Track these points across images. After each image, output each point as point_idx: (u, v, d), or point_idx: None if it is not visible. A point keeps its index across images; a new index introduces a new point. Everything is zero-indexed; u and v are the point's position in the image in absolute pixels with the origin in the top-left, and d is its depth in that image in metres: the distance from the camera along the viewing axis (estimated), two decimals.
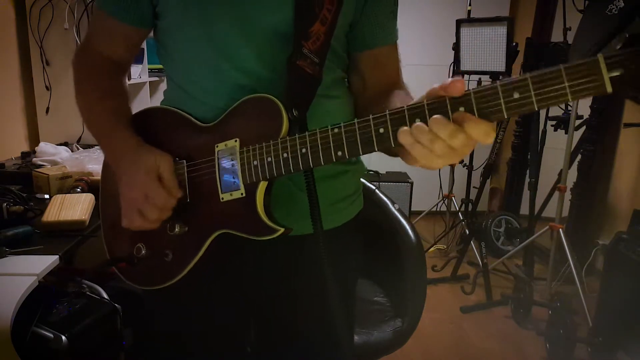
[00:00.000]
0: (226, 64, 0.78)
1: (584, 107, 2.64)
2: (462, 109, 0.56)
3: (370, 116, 0.62)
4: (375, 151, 0.64)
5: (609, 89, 0.50)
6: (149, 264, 0.83)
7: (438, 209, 3.53)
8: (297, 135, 0.68)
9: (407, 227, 1.38)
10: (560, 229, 2.43)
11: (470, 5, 3.26)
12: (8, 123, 2.14)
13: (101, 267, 0.87)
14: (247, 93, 0.75)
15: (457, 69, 3.02)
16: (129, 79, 2.45)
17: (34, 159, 1.91)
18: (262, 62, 0.77)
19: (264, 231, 0.73)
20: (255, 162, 0.71)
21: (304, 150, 0.67)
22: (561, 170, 2.49)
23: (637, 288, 1.82)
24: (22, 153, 2.02)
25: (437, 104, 0.57)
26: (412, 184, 3.48)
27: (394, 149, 0.62)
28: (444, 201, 3.48)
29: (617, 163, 2.86)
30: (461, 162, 3.31)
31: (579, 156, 2.90)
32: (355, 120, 0.63)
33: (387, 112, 0.61)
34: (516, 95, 0.53)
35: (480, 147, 3.65)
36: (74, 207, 1.37)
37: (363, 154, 0.64)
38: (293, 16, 0.76)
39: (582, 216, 2.98)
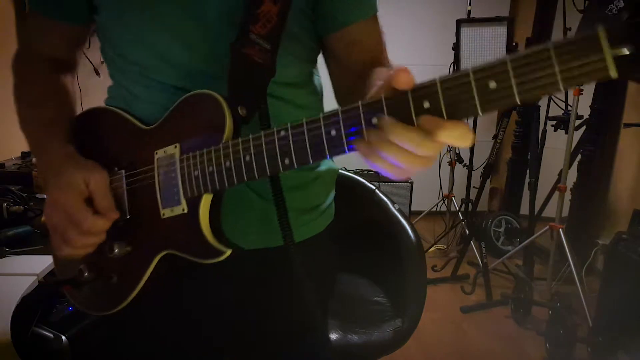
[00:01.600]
0: (164, 66, 0.69)
1: (584, 107, 2.64)
2: (427, 104, 0.46)
3: (320, 115, 0.52)
4: (327, 158, 0.53)
5: (614, 74, 0.38)
6: (95, 288, 0.74)
7: (438, 209, 3.53)
8: (240, 140, 0.58)
9: (407, 227, 1.38)
10: (560, 229, 2.43)
11: (470, 5, 3.26)
12: (8, 123, 2.14)
13: (49, 287, 0.80)
14: (190, 91, 0.65)
15: (457, 69, 3.02)
16: None
17: (34, 159, 1.91)
18: (201, 58, 0.68)
19: (208, 253, 0.63)
20: (196, 172, 0.61)
21: (247, 158, 0.57)
22: (561, 170, 2.49)
23: (637, 288, 1.81)
24: (22, 153, 2.02)
25: (398, 99, 0.47)
26: (412, 184, 3.48)
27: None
28: (444, 201, 3.48)
29: (617, 163, 2.86)
30: (461, 162, 3.32)
31: (579, 156, 2.90)
32: (304, 120, 0.53)
33: (339, 109, 0.50)
34: (492, 86, 0.42)
35: (480, 147, 3.65)
36: None
37: (314, 161, 0.53)
38: (242, 1, 0.65)
39: (582, 216, 2.98)
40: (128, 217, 0.69)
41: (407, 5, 3.69)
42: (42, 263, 1.13)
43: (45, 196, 1.54)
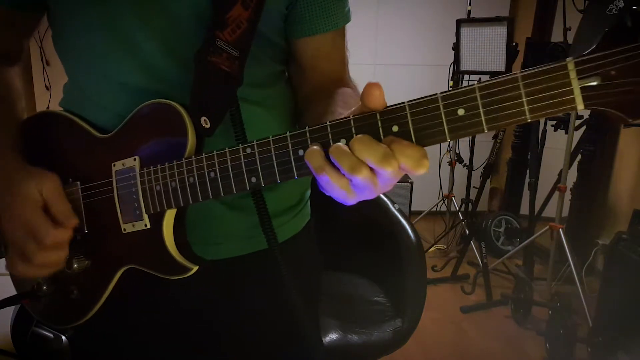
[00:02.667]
0: (127, 60, 0.63)
1: None
2: (395, 128, 0.46)
3: (288, 133, 0.50)
4: (295, 178, 0.51)
5: (580, 106, 0.38)
6: (55, 301, 0.70)
7: (438, 209, 3.53)
8: (203, 156, 0.56)
9: (407, 227, 1.38)
10: (560, 229, 2.43)
11: (470, 5, 3.26)
12: None
13: (6, 303, 0.76)
14: (152, 97, 0.61)
15: (457, 69, 3.02)
16: None
17: None
18: (173, 61, 0.63)
19: (173, 269, 0.61)
20: (157, 187, 0.59)
21: (212, 174, 0.55)
22: (561, 170, 2.49)
23: (637, 288, 1.81)
24: None
25: (367, 122, 0.47)
26: (412, 184, 3.48)
27: None
28: (444, 201, 3.48)
29: (617, 163, 2.86)
30: (461, 161, 3.32)
31: (579, 156, 2.90)
32: (270, 138, 0.51)
33: (307, 129, 0.49)
34: (461, 112, 0.43)
35: (480, 147, 3.67)
36: None
37: (282, 181, 0.52)
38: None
39: (582, 216, 2.98)
40: (86, 231, 0.66)
41: (407, 5, 3.69)
42: None
43: None
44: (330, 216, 0.98)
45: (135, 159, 0.61)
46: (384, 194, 1.45)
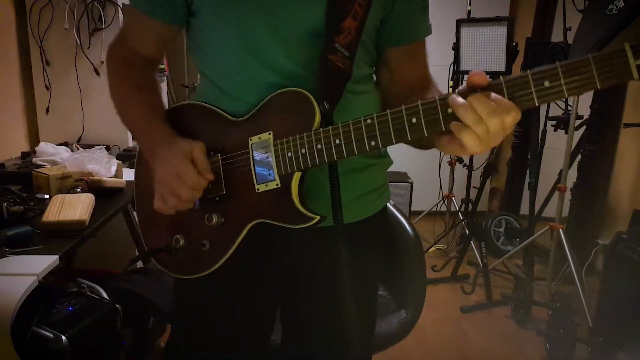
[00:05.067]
0: (257, 63, 0.80)
1: (584, 107, 2.63)
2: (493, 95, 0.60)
3: (403, 106, 0.65)
4: (408, 140, 0.66)
5: (636, 75, 0.54)
6: (186, 254, 0.87)
7: (438, 209, 3.53)
8: (330, 127, 0.71)
9: (407, 225, 1.39)
10: (560, 229, 2.43)
11: (470, 5, 3.26)
12: (8, 123, 2.14)
13: (141, 258, 0.96)
14: (277, 89, 0.77)
15: (457, 69, 3.02)
16: None
17: (34, 159, 1.91)
18: (292, 61, 0.80)
19: (300, 219, 0.76)
20: (289, 154, 0.75)
21: (337, 141, 0.70)
22: (561, 170, 2.49)
23: (637, 288, 1.81)
24: (22, 153, 2.02)
25: (469, 93, 0.60)
26: (412, 184, 3.48)
27: (426, 140, 0.67)
28: (444, 201, 3.49)
29: (617, 163, 2.86)
30: (461, 161, 3.32)
31: (579, 156, 2.89)
32: (388, 111, 0.66)
33: (420, 102, 0.64)
34: (546, 84, 0.56)
35: None
36: (74, 207, 1.37)
37: (396, 142, 0.67)
38: (325, 14, 0.78)
39: (582, 216, 2.98)
40: (224, 192, 0.82)
41: None
42: (42, 263, 1.13)
43: (46, 196, 1.55)
44: None
45: (269, 133, 0.77)
46: None
